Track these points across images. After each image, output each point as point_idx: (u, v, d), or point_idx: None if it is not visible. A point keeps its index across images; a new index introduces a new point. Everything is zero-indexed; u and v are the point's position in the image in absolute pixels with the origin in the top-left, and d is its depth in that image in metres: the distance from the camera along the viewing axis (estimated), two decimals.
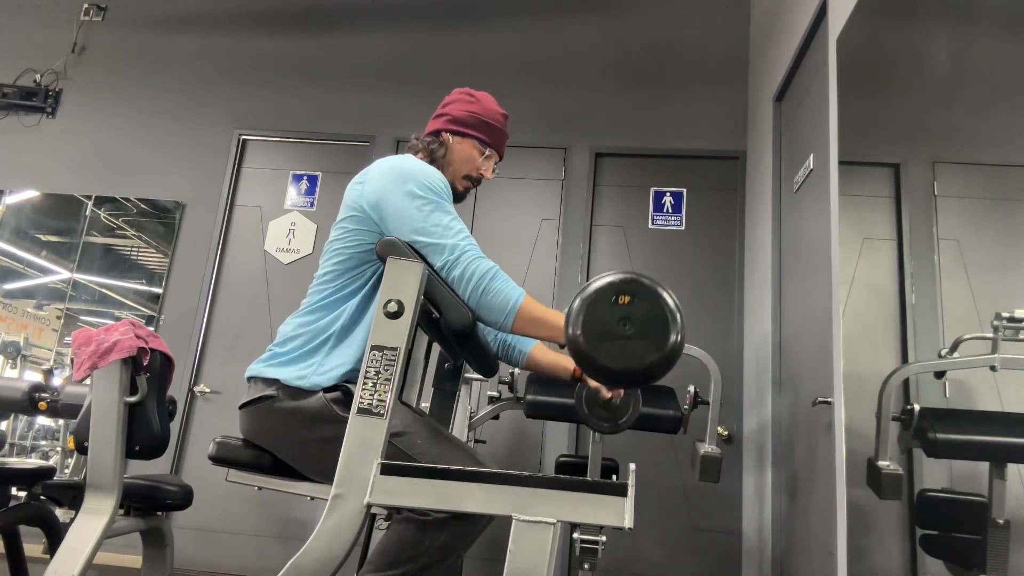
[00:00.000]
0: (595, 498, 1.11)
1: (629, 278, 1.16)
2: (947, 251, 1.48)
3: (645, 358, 1.13)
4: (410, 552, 1.34)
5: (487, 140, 1.75)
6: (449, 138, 1.73)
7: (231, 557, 3.56)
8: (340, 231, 1.58)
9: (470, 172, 1.74)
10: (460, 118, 1.74)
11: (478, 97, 1.78)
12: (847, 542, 1.91)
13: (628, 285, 1.16)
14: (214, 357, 3.87)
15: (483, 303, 1.42)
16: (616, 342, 1.14)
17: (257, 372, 1.53)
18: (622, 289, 1.15)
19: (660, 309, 1.14)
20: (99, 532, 1.74)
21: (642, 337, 1.14)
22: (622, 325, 1.14)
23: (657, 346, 1.13)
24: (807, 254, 2.61)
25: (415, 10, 4.30)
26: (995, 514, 1.25)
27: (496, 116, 1.78)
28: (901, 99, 1.82)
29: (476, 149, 1.74)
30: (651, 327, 1.14)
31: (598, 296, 1.16)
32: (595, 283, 1.17)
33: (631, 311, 1.15)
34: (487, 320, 1.44)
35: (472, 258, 1.43)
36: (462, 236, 1.46)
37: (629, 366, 1.14)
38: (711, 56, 3.99)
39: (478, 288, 1.42)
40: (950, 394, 1.46)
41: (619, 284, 1.16)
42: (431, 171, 1.55)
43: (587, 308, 1.15)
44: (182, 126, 4.25)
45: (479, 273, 1.42)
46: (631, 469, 1.21)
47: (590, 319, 1.15)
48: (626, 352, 1.14)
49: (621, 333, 1.14)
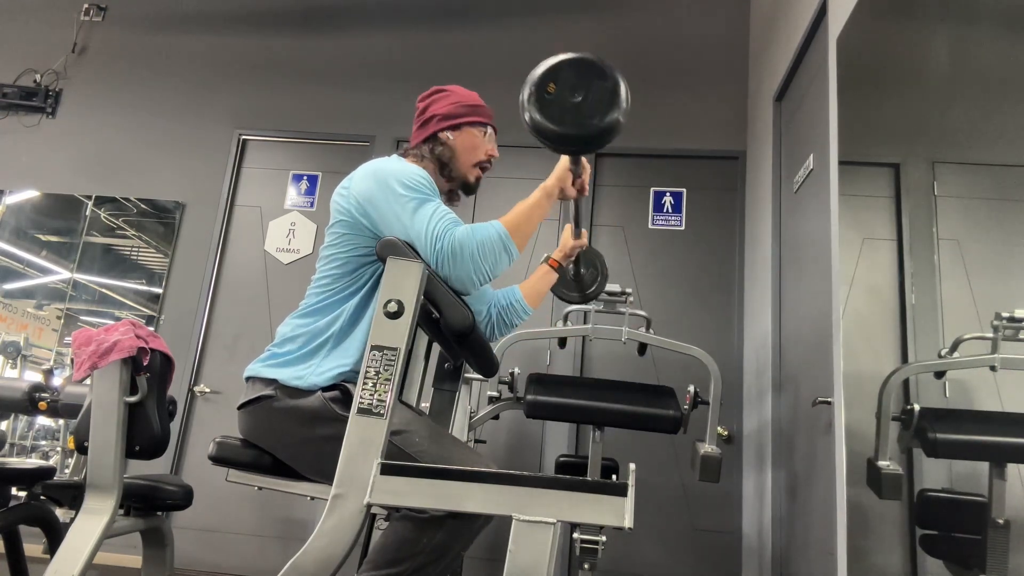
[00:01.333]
0: (595, 498, 1.11)
1: (540, 72, 1.23)
2: (947, 251, 1.48)
3: (608, 101, 1.20)
4: (408, 550, 1.34)
5: (482, 120, 1.76)
6: (448, 135, 1.73)
7: (231, 557, 3.56)
8: (333, 236, 1.59)
9: (479, 159, 1.75)
10: (449, 113, 1.73)
11: (451, 89, 1.79)
12: (847, 542, 1.91)
13: (545, 76, 1.23)
14: (214, 357, 3.87)
15: (486, 260, 1.44)
16: (575, 111, 1.21)
17: (255, 372, 1.53)
18: (543, 81, 1.22)
19: (581, 64, 1.22)
20: (99, 532, 1.73)
21: (591, 91, 1.21)
22: (571, 95, 1.21)
23: (606, 87, 1.20)
24: (807, 254, 2.61)
25: (415, 10, 4.30)
26: (995, 514, 1.25)
27: (474, 97, 1.79)
28: (901, 99, 1.82)
29: (477, 134, 1.75)
30: (588, 82, 1.21)
31: (536, 94, 1.22)
32: (526, 85, 1.24)
33: (565, 86, 1.22)
34: (502, 266, 1.48)
35: (450, 233, 1.44)
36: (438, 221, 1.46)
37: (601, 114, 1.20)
38: (711, 56, 3.99)
39: (473, 254, 1.43)
40: (950, 394, 1.46)
41: (538, 80, 1.23)
42: (412, 169, 1.56)
43: (537, 104, 1.22)
44: (182, 126, 4.25)
45: (463, 243, 1.43)
46: (631, 469, 1.21)
47: (545, 114, 1.22)
48: (588, 110, 1.21)
49: (573, 101, 1.21)
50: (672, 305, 3.66)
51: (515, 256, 1.50)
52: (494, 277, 1.50)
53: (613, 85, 1.21)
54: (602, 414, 2.38)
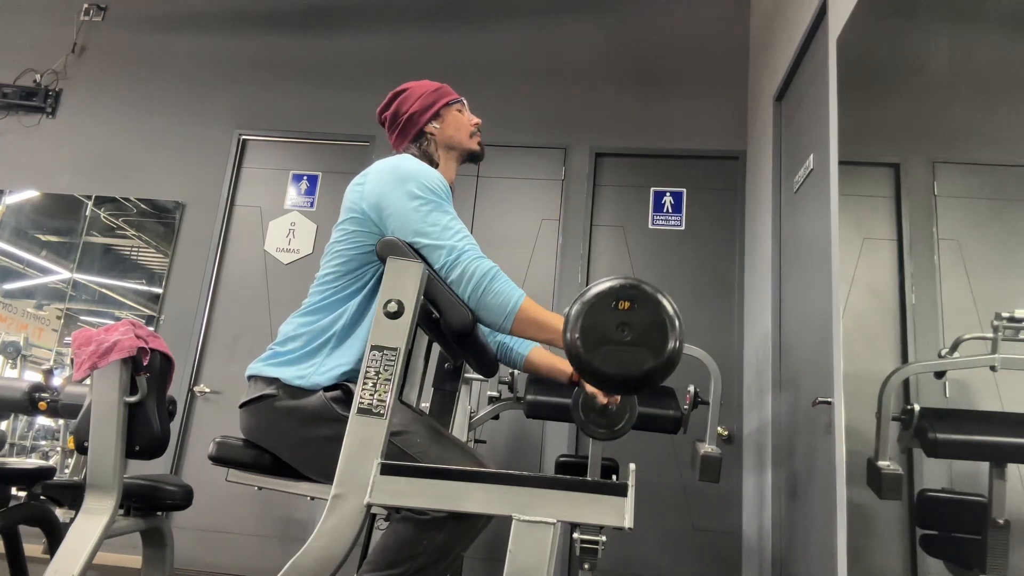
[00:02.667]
0: (595, 498, 1.11)
1: (630, 283, 1.15)
2: (947, 251, 1.48)
3: (643, 364, 1.13)
4: (408, 551, 1.34)
5: (449, 99, 1.77)
6: (434, 126, 1.74)
7: (231, 557, 3.56)
8: (341, 232, 1.58)
9: (470, 129, 1.77)
10: (420, 108, 1.74)
11: (406, 86, 1.79)
12: (847, 542, 1.91)
13: (629, 291, 1.15)
14: (214, 357, 3.87)
15: (482, 303, 1.42)
16: (614, 347, 1.13)
17: (257, 371, 1.53)
18: (622, 295, 1.14)
19: (659, 315, 1.14)
20: (99, 532, 1.73)
21: (640, 343, 1.13)
22: (621, 331, 1.13)
23: (655, 353, 1.13)
24: (807, 254, 2.61)
25: (415, 10, 4.30)
26: (995, 514, 1.25)
27: (431, 83, 1.80)
28: (901, 99, 1.82)
29: (451, 112, 1.76)
30: (650, 333, 1.13)
31: (598, 300, 1.15)
32: (595, 287, 1.17)
33: (630, 317, 1.14)
34: (486, 321, 1.45)
35: (472, 258, 1.44)
36: (461, 236, 1.47)
37: (627, 372, 1.13)
38: (711, 56, 3.99)
39: (478, 288, 1.42)
40: (950, 394, 1.46)
41: (620, 289, 1.15)
42: (430, 172, 1.55)
43: (586, 312, 1.15)
44: (182, 126, 4.25)
45: (479, 273, 1.42)
46: (631, 469, 1.21)
47: (589, 323, 1.14)
48: (624, 358, 1.13)
49: (620, 339, 1.13)
50: None
51: (503, 331, 1.44)
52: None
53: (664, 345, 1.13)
54: None
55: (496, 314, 1.42)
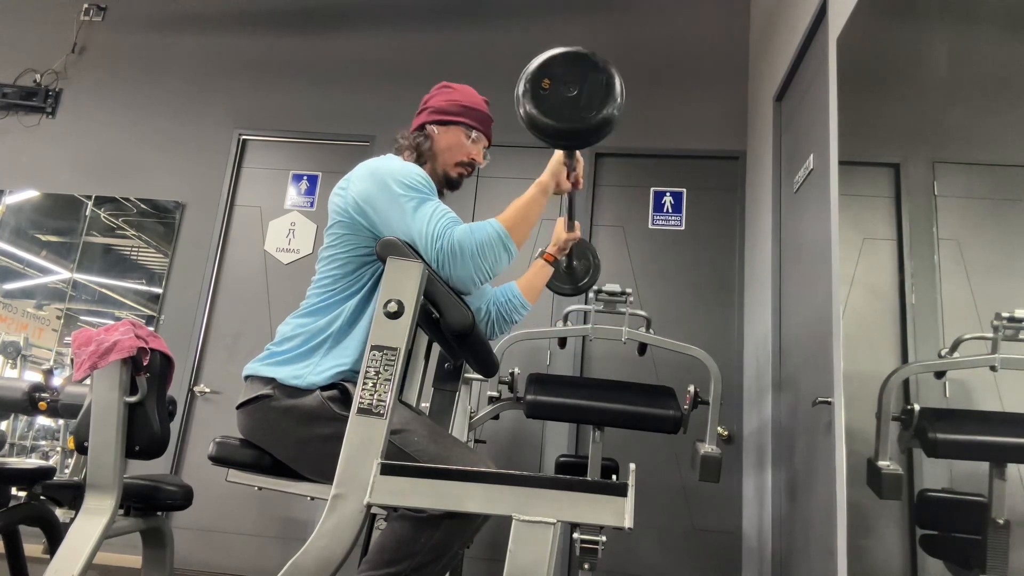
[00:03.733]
0: (595, 498, 1.11)
1: (535, 67, 1.26)
2: (947, 251, 1.48)
3: (603, 95, 1.22)
4: (406, 550, 1.34)
5: (472, 124, 1.75)
6: (434, 129, 1.74)
7: (231, 557, 3.56)
8: (332, 237, 1.59)
9: (461, 158, 1.74)
10: (442, 107, 1.74)
11: (457, 87, 1.79)
12: (847, 542, 1.91)
13: (540, 71, 1.25)
14: (214, 357, 3.87)
15: (487, 258, 1.45)
16: (570, 105, 1.23)
17: (254, 371, 1.53)
18: (538, 76, 1.25)
19: (576, 59, 1.24)
20: (99, 532, 1.73)
21: (585, 85, 1.22)
22: (567, 89, 1.23)
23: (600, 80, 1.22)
24: (807, 254, 2.61)
25: (415, 10, 4.30)
26: (995, 514, 1.25)
27: (477, 100, 1.78)
28: (901, 99, 1.82)
29: (462, 135, 1.74)
30: (582, 76, 1.22)
31: (531, 89, 1.25)
32: (521, 79, 1.27)
33: (560, 81, 1.24)
34: (502, 264, 1.48)
35: (449, 233, 1.44)
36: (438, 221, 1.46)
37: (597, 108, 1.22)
38: (711, 56, 3.99)
39: (473, 253, 1.43)
40: (950, 394, 1.46)
41: (532, 75, 1.25)
42: (409, 167, 1.56)
43: (532, 97, 1.24)
44: (182, 126, 4.25)
45: (462, 241, 1.43)
46: (631, 469, 1.21)
47: (541, 108, 1.24)
48: (583, 104, 1.22)
49: (571, 94, 1.23)
50: (672, 305, 3.66)
51: (514, 254, 1.49)
52: (495, 275, 1.50)
53: (607, 79, 1.21)
54: (602, 414, 2.37)
55: (501, 252, 1.47)
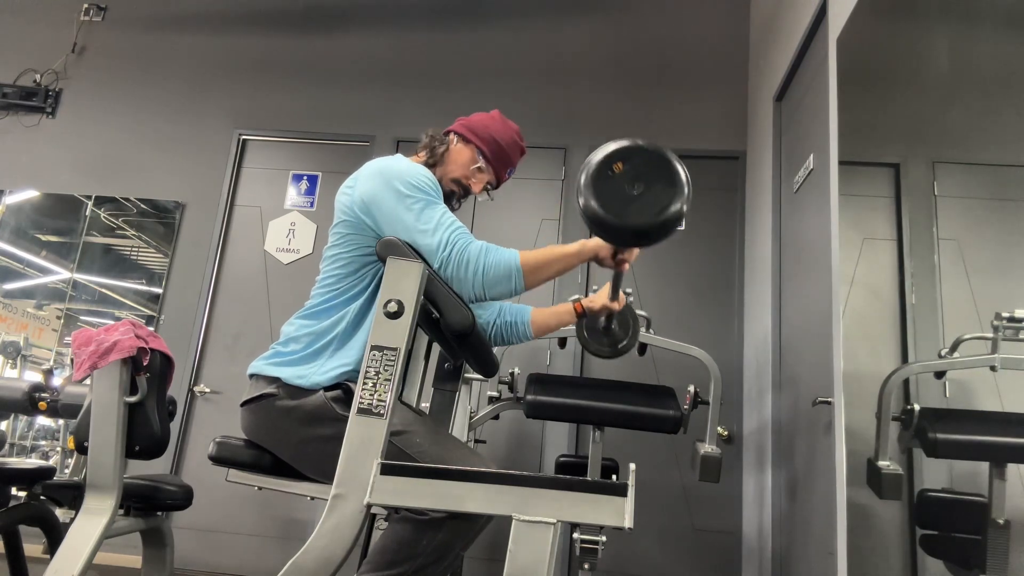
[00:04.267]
0: (595, 498, 1.11)
1: (613, 149, 1.21)
2: (947, 251, 1.48)
3: (669, 201, 1.18)
4: (408, 551, 1.34)
5: (486, 154, 1.75)
6: (454, 139, 1.75)
7: (231, 557, 3.56)
8: (336, 236, 1.59)
9: (459, 177, 1.74)
10: (473, 126, 1.76)
11: (505, 121, 1.80)
12: (847, 542, 1.91)
13: (615, 154, 1.20)
14: (214, 357, 3.87)
15: (488, 282, 1.44)
16: (636, 201, 1.19)
17: (259, 370, 1.53)
18: (611, 160, 1.20)
19: (655, 157, 1.20)
20: (99, 532, 1.73)
21: (654, 187, 1.19)
22: (631, 186, 1.19)
23: (671, 185, 1.19)
24: (807, 254, 2.61)
25: (415, 10, 4.30)
26: (995, 514, 1.25)
27: (510, 142, 1.78)
28: (901, 99, 1.82)
29: (472, 158, 1.74)
30: (656, 176, 1.19)
31: (597, 175, 1.20)
32: (586, 168, 1.22)
33: (631, 173, 1.20)
34: (501, 294, 1.47)
35: (463, 246, 1.45)
36: (447, 228, 1.47)
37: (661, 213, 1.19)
38: (711, 56, 3.99)
39: (478, 272, 1.43)
40: (950, 394, 1.46)
41: (607, 157, 1.20)
42: (417, 169, 1.56)
43: (594, 188, 1.19)
44: (182, 126, 4.25)
45: (473, 258, 1.44)
46: (631, 469, 1.21)
47: (603, 196, 1.19)
48: (648, 205, 1.19)
49: (635, 193, 1.19)
50: (672, 305, 3.65)
51: (519, 291, 1.47)
52: (487, 299, 1.49)
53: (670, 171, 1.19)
54: (602, 414, 2.37)
55: (505, 284, 1.45)
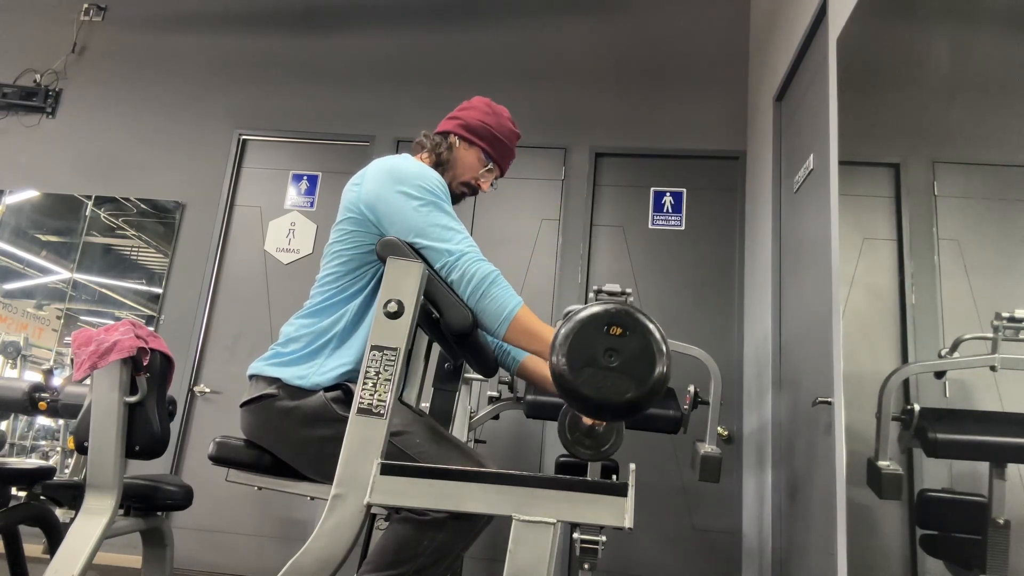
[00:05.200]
0: (595, 498, 1.11)
1: (623, 310, 1.14)
2: (947, 251, 1.48)
3: (625, 392, 1.11)
4: (408, 552, 1.34)
5: (492, 154, 1.76)
6: (456, 141, 1.74)
7: (231, 557, 3.56)
8: (339, 233, 1.58)
9: (469, 180, 1.75)
10: (472, 126, 1.75)
11: (496, 110, 1.79)
12: (847, 542, 1.91)
13: (622, 317, 1.13)
14: (214, 357, 3.87)
15: (479, 307, 1.42)
16: (599, 371, 1.12)
17: (259, 371, 1.53)
18: (616, 320, 1.13)
19: (648, 345, 1.12)
20: (99, 532, 1.73)
21: (625, 371, 1.11)
22: (608, 356, 1.12)
23: (639, 382, 1.11)
24: (807, 254, 2.61)
25: (415, 10, 4.30)
26: (995, 514, 1.25)
27: (508, 133, 1.78)
28: (901, 99, 1.82)
29: (479, 160, 1.75)
30: (636, 361, 1.12)
31: (590, 322, 1.13)
32: (588, 310, 1.15)
33: (619, 343, 1.12)
34: (480, 324, 1.45)
35: (472, 261, 1.44)
36: (461, 238, 1.47)
37: (607, 398, 1.12)
38: (711, 56, 3.99)
39: (476, 292, 1.42)
40: (950, 394, 1.46)
41: (614, 315, 1.13)
42: (427, 171, 1.55)
43: (576, 333, 1.13)
44: (182, 126, 4.25)
45: (479, 276, 1.42)
46: (631, 469, 1.21)
47: (576, 344, 1.13)
48: (607, 384, 1.11)
49: (605, 364, 1.12)
50: (672, 305, 3.66)
51: (496, 336, 1.43)
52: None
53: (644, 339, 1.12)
54: None
55: (491, 319, 1.42)
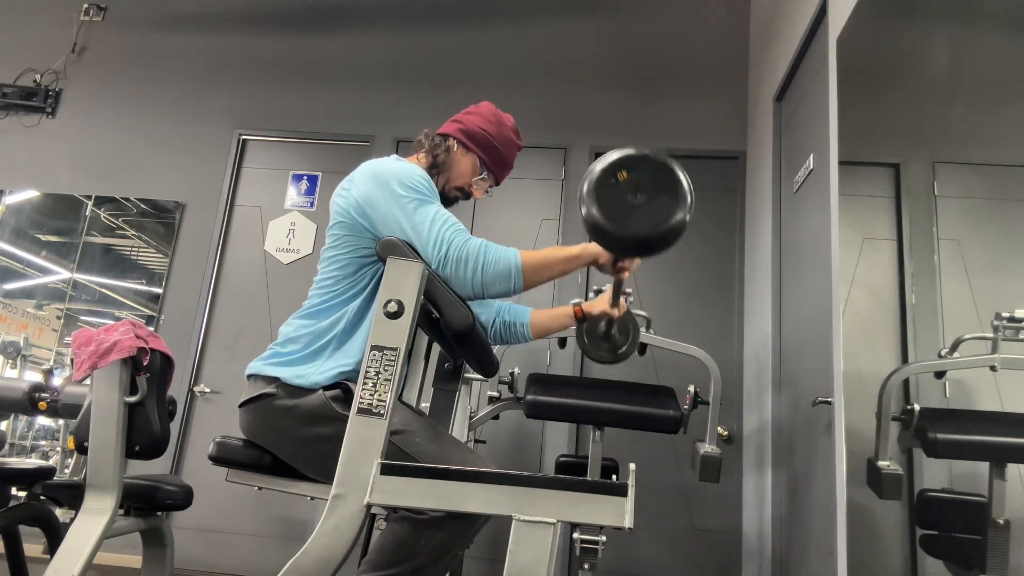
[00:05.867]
0: (595, 498, 1.11)
1: (617, 157, 1.21)
2: (947, 251, 1.48)
3: (671, 213, 1.18)
4: (406, 551, 1.34)
5: (488, 163, 1.76)
6: (454, 145, 1.75)
7: (231, 557, 3.56)
8: (333, 238, 1.59)
9: (462, 185, 1.76)
10: (472, 132, 1.74)
11: (499, 119, 1.79)
12: (847, 542, 1.91)
13: (620, 163, 1.20)
14: (214, 357, 3.87)
15: (487, 280, 1.43)
16: (637, 211, 1.18)
17: (257, 370, 1.53)
18: (618, 166, 1.20)
19: (659, 167, 1.20)
20: (99, 532, 1.73)
21: (657, 198, 1.18)
22: (634, 196, 1.19)
23: (674, 196, 1.18)
24: (807, 254, 2.61)
25: (415, 10, 4.30)
26: (995, 514, 1.25)
27: (507, 143, 1.78)
28: (901, 99, 1.82)
29: (474, 167, 1.75)
30: (660, 187, 1.19)
31: (600, 183, 1.20)
32: (589, 176, 1.21)
33: (634, 182, 1.19)
34: (498, 292, 1.46)
35: (459, 244, 1.44)
36: (443, 225, 1.46)
37: (661, 226, 1.18)
38: (711, 56, 3.99)
39: (476, 269, 1.43)
40: (950, 394, 1.46)
41: (611, 165, 1.20)
42: (411, 169, 1.56)
43: (596, 196, 1.19)
44: (182, 126, 4.25)
45: (472, 255, 1.43)
46: (631, 469, 1.21)
47: (605, 204, 1.19)
48: (650, 215, 1.18)
49: (637, 203, 1.19)
50: (672, 305, 3.66)
51: (518, 291, 1.46)
52: (484, 298, 1.48)
53: (673, 179, 1.19)
54: (602, 414, 2.37)
55: (503, 282, 1.44)
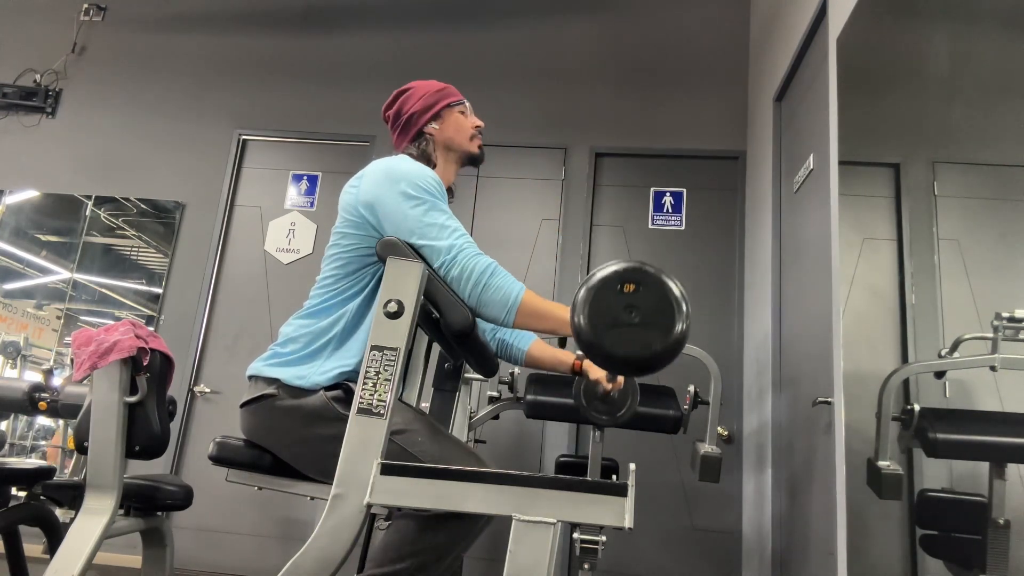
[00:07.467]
0: (595, 498, 1.11)
1: (634, 266, 1.17)
2: (947, 251, 1.48)
3: (651, 345, 1.13)
4: (410, 549, 1.34)
5: (451, 101, 1.76)
6: (433, 127, 1.73)
7: (231, 557, 3.56)
8: (338, 236, 1.59)
9: (471, 131, 1.76)
10: (421, 108, 1.74)
11: (411, 86, 1.79)
12: (847, 542, 1.91)
13: (633, 273, 1.16)
14: (214, 357, 3.87)
15: (483, 300, 1.42)
16: (622, 329, 1.14)
17: (258, 371, 1.53)
18: (627, 277, 1.16)
19: (666, 297, 1.15)
20: (99, 532, 1.73)
21: (648, 325, 1.14)
22: (628, 313, 1.14)
23: (663, 334, 1.13)
24: (807, 254, 2.61)
25: (415, 10, 4.30)
26: (995, 514, 1.25)
27: (435, 84, 1.79)
28: (901, 99, 1.82)
29: (453, 114, 1.75)
30: (657, 315, 1.14)
31: (604, 284, 1.16)
32: (600, 272, 1.18)
33: (636, 299, 1.15)
34: (488, 316, 1.44)
35: (470, 255, 1.44)
36: (458, 235, 1.47)
37: (635, 353, 1.14)
38: (711, 56, 3.99)
39: (478, 285, 1.42)
40: (950, 394, 1.46)
41: (624, 272, 1.16)
42: (424, 171, 1.56)
43: (593, 296, 1.15)
44: (182, 126, 4.25)
45: (478, 270, 1.42)
46: (631, 469, 1.21)
47: (596, 307, 1.15)
48: (632, 339, 1.14)
49: (628, 321, 1.14)
50: None
51: (507, 324, 1.44)
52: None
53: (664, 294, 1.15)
54: None
55: (498, 309, 1.42)
